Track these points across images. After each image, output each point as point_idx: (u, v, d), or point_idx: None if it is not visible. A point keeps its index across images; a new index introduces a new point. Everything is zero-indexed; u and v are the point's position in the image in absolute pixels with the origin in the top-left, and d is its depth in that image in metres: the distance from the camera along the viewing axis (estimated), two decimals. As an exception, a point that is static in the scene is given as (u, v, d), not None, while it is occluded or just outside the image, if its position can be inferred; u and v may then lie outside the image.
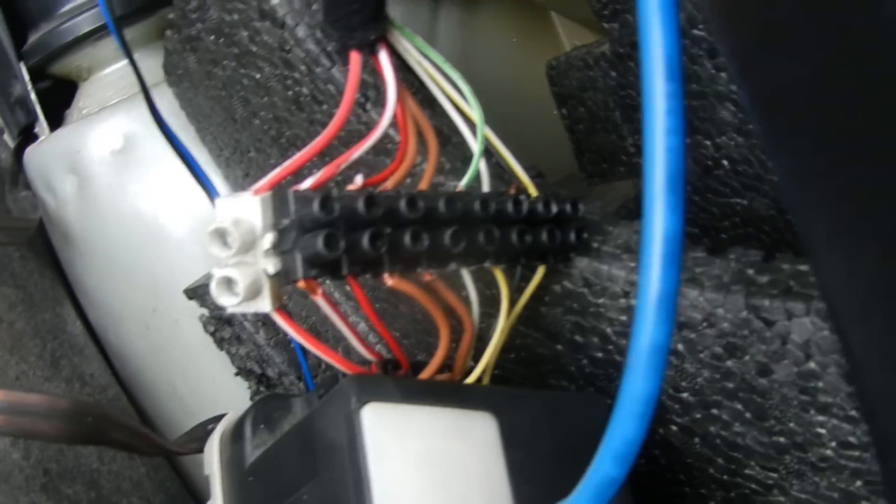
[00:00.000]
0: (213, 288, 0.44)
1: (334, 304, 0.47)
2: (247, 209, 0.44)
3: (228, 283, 0.44)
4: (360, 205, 0.44)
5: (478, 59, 0.92)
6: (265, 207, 0.44)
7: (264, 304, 0.44)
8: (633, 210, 0.72)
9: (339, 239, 0.43)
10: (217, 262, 0.44)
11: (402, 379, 0.50)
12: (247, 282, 0.43)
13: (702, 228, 0.76)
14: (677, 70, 0.32)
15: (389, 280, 0.46)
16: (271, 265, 0.44)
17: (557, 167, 0.89)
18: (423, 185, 0.52)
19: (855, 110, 0.24)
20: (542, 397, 0.54)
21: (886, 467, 0.29)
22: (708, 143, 0.70)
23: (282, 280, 0.44)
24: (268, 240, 0.44)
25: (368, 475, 0.44)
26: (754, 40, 0.28)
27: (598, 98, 0.78)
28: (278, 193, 0.44)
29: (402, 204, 0.46)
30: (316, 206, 0.43)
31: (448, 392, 0.49)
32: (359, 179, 0.47)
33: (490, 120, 0.59)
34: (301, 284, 0.44)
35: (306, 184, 0.46)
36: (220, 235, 0.44)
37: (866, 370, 0.28)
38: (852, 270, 0.27)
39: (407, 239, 0.46)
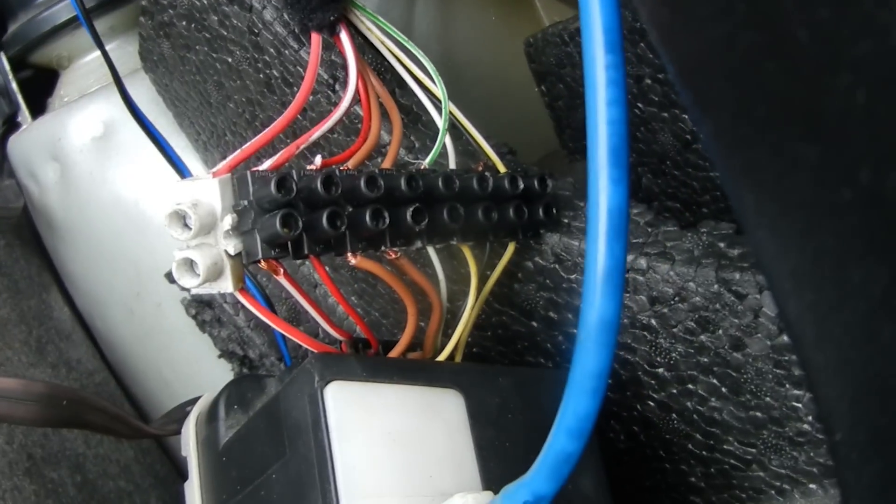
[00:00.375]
0: (175, 269, 0.44)
1: (298, 285, 0.47)
2: (206, 191, 0.44)
3: (189, 264, 0.44)
4: (318, 184, 0.45)
5: (457, 39, 0.92)
6: (224, 189, 0.44)
7: (227, 285, 0.45)
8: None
9: (297, 219, 0.43)
10: (177, 244, 0.44)
11: (367, 357, 0.51)
12: (207, 263, 0.43)
13: (683, 203, 0.76)
14: (617, 41, 0.32)
15: (353, 259, 0.47)
16: (232, 246, 0.44)
17: (539, 145, 0.89)
18: (387, 163, 0.52)
19: (770, 74, 0.24)
20: (513, 374, 0.54)
21: (832, 441, 0.29)
22: (685, 116, 0.70)
23: (243, 261, 0.45)
24: (227, 221, 0.44)
25: (332, 454, 0.44)
26: (669, 9, 0.28)
27: (576, 74, 0.78)
28: (237, 175, 0.45)
29: (362, 183, 0.46)
30: (273, 186, 0.43)
31: (415, 370, 0.50)
32: (318, 160, 0.47)
33: (470, 99, 0.59)
34: (263, 265, 0.44)
35: (265, 165, 0.46)
36: (180, 218, 0.44)
37: (804, 346, 0.28)
38: (780, 241, 0.27)
39: (367, 217, 0.46)
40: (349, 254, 0.47)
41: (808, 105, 0.24)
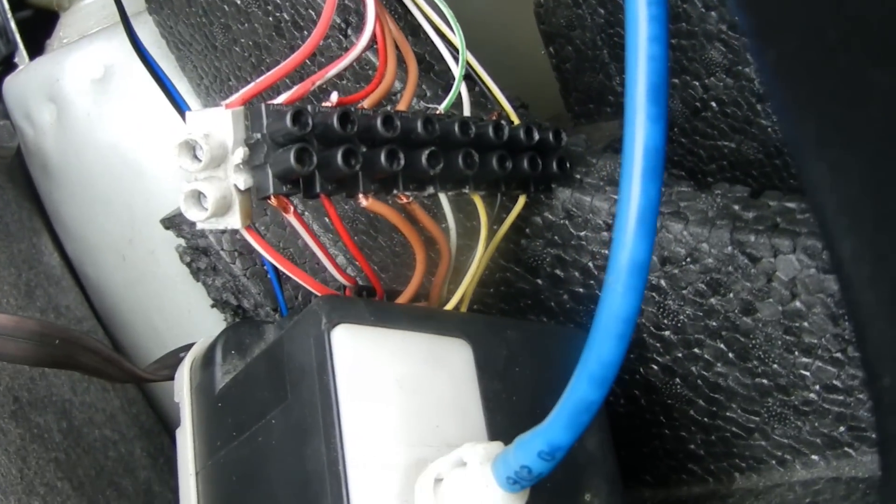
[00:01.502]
0: (182, 201, 0.43)
1: (307, 225, 0.45)
2: (218, 123, 0.43)
3: (198, 196, 0.43)
4: (335, 120, 0.43)
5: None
6: (237, 121, 0.43)
7: (234, 221, 0.43)
8: (619, 150, 0.71)
9: (311, 154, 0.42)
10: (186, 177, 0.43)
11: (375, 302, 0.49)
12: (216, 196, 0.42)
13: (688, 171, 0.75)
14: (661, -25, 0.31)
15: (364, 200, 0.45)
16: (242, 180, 0.43)
17: (544, 108, 0.87)
18: (402, 106, 0.51)
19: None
20: (521, 327, 0.53)
21: (877, 387, 0.28)
22: (696, 83, 0.69)
23: (253, 196, 0.43)
24: (238, 154, 0.43)
25: (338, 399, 0.43)
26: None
27: (585, 37, 0.77)
28: (251, 108, 0.43)
29: (378, 122, 0.45)
30: (289, 120, 0.42)
31: (423, 317, 0.48)
32: (334, 97, 0.46)
33: (477, 57, 0.58)
34: (272, 201, 0.43)
35: (280, 99, 0.44)
36: (190, 148, 0.42)
37: (856, 286, 0.27)
38: (841, 174, 0.26)
39: (382, 158, 0.44)
40: (361, 195, 0.45)
41: (887, 27, 0.23)
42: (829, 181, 0.26)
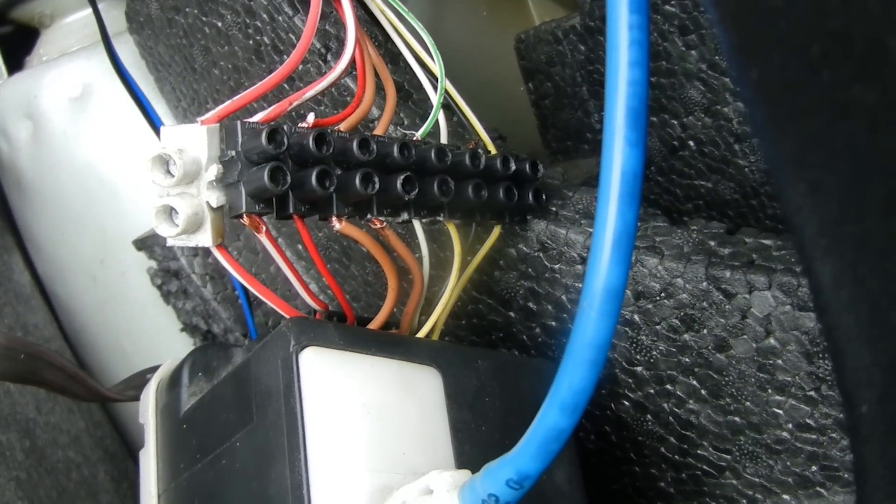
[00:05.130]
0: (154, 216, 0.42)
1: (279, 246, 0.45)
2: (193, 138, 0.42)
3: (169, 212, 0.42)
4: (311, 141, 0.43)
5: (447, 31, 0.91)
6: (212, 138, 0.43)
7: (205, 238, 0.43)
8: (596, 185, 0.71)
9: (285, 173, 0.42)
10: (158, 192, 0.42)
11: (345, 326, 0.49)
12: (188, 212, 0.42)
13: (664, 210, 0.75)
14: (643, 2, 0.31)
15: (337, 224, 0.45)
16: (214, 198, 0.42)
17: (522, 145, 0.87)
18: (379, 132, 0.51)
19: (831, 8, 0.23)
20: (492, 358, 0.52)
21: (854, 414, 0.28)
22: (675, 122, 0.69)
23: (225, 214, 0.43)
24: (212, 171, 0.42)
25: (304, 422, 0.42)
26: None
27: (565, 73, 0.77)
28: (226, 125, 0.43)
29: (354, 145, 0.45)
30: (264, 138, 0.42)
31: (394, 343, 0.48)
32: (311, 118, 0.45)
33: (456, 89, 0.58)
34: (245, 220, 0.43)
35: (256, 118, 0.44)
36: (163, 163, 0.42)
37: (834, 310, 0.27)
38: (821, 194, 0.25)
39: (357, 181, 0.44)
40: (334, 217, 0.45)
41: (871, 42, 0.23)
42: (809, 202, 0.26)
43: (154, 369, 0.57)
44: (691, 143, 0.70)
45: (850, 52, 0.23)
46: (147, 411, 0.54)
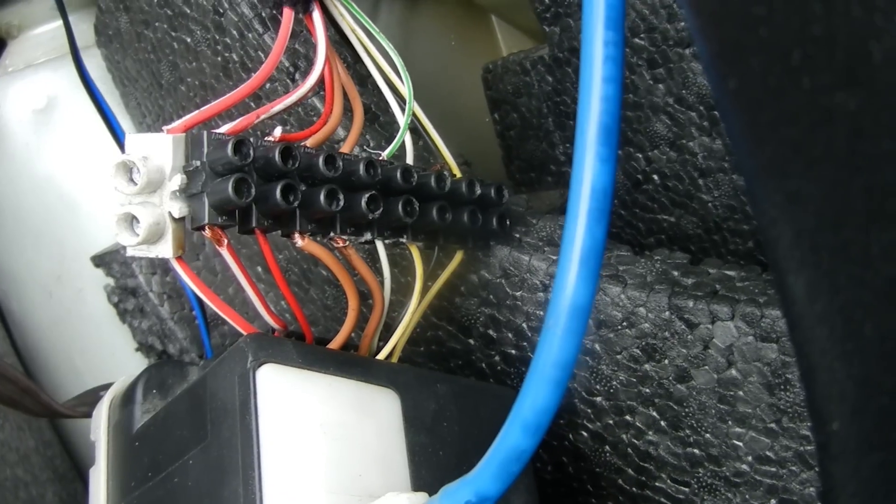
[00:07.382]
0: (115, 224, 0.41)
1: (240, 261, 0.44)
2: (158, 147, 0.42)
3: (130, 220, 0.42)
4: (276, 155, 0.43)
5: (415, 58, 0.91)
6: (177, 147, 0.42)
7: (165, 249, 0.42)
8: (560, 213, 0.71)
9: (250, 186, 0.41)
10: (121, 199, 0.42)
11: (304, 344, 0.48)
12: (149, 221, 0.41)
13: (626, 244, 0.75)
14: (619, 19, 0.31)
15: (300, 240, 0.45)
16: (177, 208, 0.42)
17: (486, 175, 0.87)
18: (346, 149, 0.50)
19: (812, 13, 0.23)
20: (451, 382, 0.52)
21: (825, 431, 0.28)
22: (640, 155, 0.69)
23: (187, 225, 0.42)
24: (176, 181, 0.42)
25: (259, 440, 0.42)
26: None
27: (531, 104, 0.77)
28: (192, 135, 0.43)
29: (321, 161, 0.44)
30: (230, 149, 0.41)
31: (352, 364, 0.47)
32: (278, 131, 0.45)
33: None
34: (207, 232, 0.42)
35: (223, 129, 0.44)
36: (127, 170, 0.41)
37: (806, 324, 0.27)
38: (798, 203, 0.25)
39: (322, 197, 0.44)
40: (297, 233, 0.45)
41: (854, 48, 0.22)
42: (785, 212, 0.26)
43: (108, 386, 0.56)
44: (655, 176, 0.70)
45: (832, 57, 0.23)
46: (99, 428, 0.53)
